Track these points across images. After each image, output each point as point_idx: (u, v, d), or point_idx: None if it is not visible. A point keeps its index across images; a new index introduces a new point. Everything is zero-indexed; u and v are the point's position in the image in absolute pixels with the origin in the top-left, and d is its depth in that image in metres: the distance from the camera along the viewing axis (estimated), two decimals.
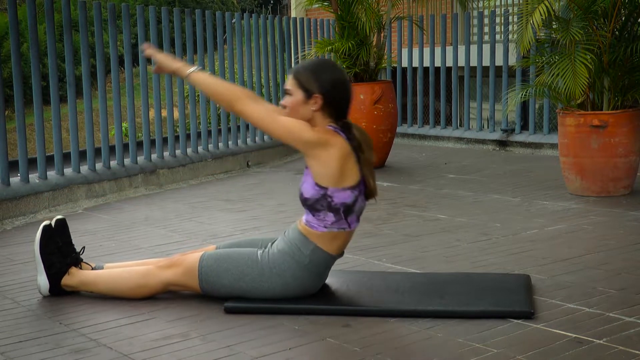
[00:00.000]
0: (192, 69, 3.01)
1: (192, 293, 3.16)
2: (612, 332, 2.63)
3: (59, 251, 3.17)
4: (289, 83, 2.98)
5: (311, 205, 2.95)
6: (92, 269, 3.22)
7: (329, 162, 2.90)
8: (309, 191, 2.95)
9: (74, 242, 3.26)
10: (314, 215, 2.96)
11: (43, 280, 3.17)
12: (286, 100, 2.99)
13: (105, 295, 3.16)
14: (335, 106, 2.96)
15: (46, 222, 3.19)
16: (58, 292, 3.19)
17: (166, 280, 3.07)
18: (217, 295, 3.04)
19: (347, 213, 2.96)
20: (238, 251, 3.05)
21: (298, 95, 2.95)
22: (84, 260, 3.24)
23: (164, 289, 3.11)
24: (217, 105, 10.35)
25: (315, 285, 3.00)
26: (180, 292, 3.16)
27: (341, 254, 3.06)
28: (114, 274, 3.15)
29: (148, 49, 3.15)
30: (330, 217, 2.94)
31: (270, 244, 3.08)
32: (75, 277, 3.16)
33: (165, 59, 3.07)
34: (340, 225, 2.97)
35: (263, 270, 2.97)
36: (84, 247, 3.32)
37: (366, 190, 3.01)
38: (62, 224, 3.21)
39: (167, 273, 3.07)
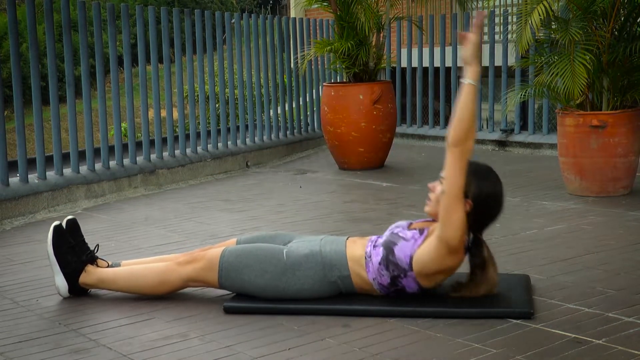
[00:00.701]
0: (470, 80, 2.82)
1: (192, 292, 3.16)
2: (612, 332, 2.63)
3: (73, 250, 3.15)
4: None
5: (389, 260, 2.89)
6: (108, 266, 3.21)
7: (440, 262, 2.83)
8: (401, 254, 2.88)
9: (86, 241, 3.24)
10: (379, 264, 2.91)
11: (61, 281, 3.15)
12: (435, 186, 2.93)
13: (125, 292, 3.15)
14: (479, 219, 2.87)
15: (56, 223, 3.17)
16: (78, 291, 3.17)
17: (186, 276, 3.05)
18: (235, 291, 3.02)
19: (396, 293, 2.95)
20: (262, 247, 3.03)
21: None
22: (99, 258, 3.22)
23: (183, 285, 3.09)
24: (217, 105, 10.25)
25: (324, 296, 2.99)
26: (179, 292, 3.16)
27: (360, 293, 3.03)
28: (133, 271, 3.13)
29: (480, 17, 2.99)
30: (385, 280, 2.92)
31: (296, 241, 3.07)
32: (93, 275, 3.14)
33: (474, 44, 2.90)
34: (382, 289, 2.95)
35: (286, 269, 2.95)
36: (97, 245, 3.29)
37: (463, 291, 2.94)
38: (73, 224, 3.20)
39: (187, 269, 3.05)
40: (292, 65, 8.15)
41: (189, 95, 6.73)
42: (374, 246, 2.96)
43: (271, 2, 25.21)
